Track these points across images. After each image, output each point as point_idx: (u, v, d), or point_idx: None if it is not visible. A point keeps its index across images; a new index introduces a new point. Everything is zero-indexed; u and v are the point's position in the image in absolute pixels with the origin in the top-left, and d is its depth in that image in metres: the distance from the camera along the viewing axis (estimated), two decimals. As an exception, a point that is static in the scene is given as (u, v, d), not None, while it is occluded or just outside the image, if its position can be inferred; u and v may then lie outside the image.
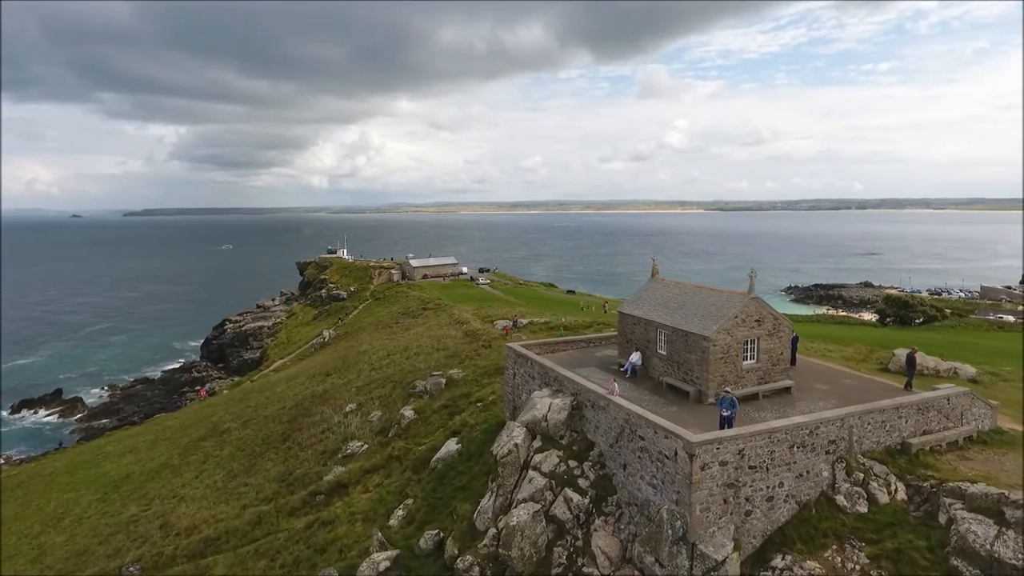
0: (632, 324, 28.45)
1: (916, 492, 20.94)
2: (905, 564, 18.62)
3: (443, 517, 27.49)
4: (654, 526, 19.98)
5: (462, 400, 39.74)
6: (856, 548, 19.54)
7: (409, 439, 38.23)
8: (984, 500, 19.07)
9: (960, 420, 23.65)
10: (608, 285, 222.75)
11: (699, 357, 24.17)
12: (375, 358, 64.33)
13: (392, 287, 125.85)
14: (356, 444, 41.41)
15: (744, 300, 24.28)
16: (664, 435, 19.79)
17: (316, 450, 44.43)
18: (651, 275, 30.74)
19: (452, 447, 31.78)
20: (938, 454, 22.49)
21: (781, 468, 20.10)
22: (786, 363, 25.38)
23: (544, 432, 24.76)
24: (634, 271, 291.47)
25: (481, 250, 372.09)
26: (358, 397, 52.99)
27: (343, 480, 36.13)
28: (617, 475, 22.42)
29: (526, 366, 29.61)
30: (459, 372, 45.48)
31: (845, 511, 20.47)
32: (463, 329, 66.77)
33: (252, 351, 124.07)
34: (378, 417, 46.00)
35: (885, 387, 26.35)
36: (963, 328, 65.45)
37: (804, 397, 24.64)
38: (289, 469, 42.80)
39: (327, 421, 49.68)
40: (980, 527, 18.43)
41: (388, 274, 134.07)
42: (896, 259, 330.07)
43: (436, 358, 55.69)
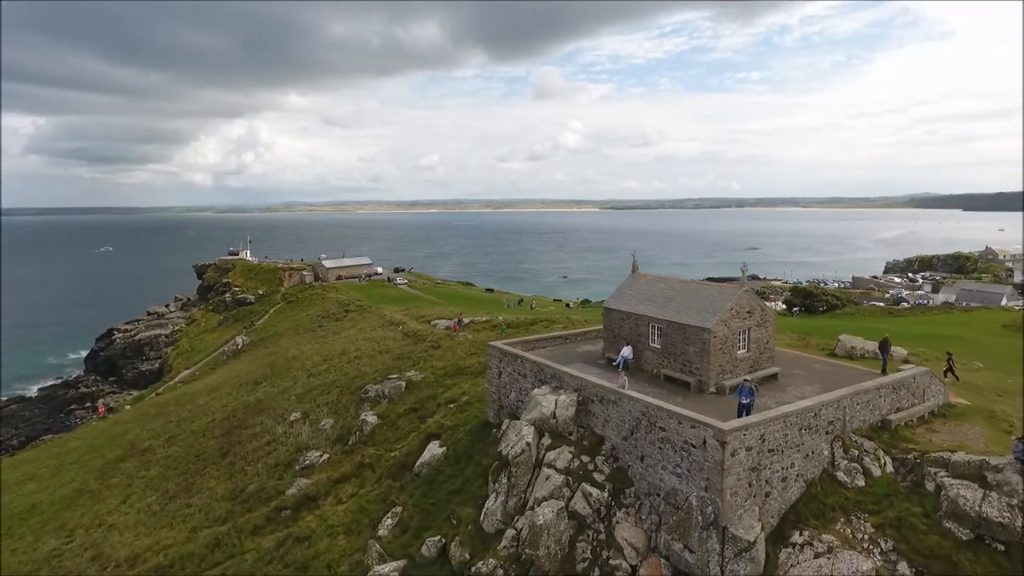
0: (620, 319, 29.10)
1: (902, 464, 22.97)
2: (906, 530, 20.39)
3: (441, 523, 26.81)
4: (682, 513, 20.61)
5: (429, 402, 38.88)
6: (861, 519, 21.17)
7: (377, 445, 36.89)
8: (967, 467, 21.26)
9: (923, 397, 26.20)
10: (517, 282, 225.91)
11: (699, 348, 25.17)
12: (310, 364, 61.45)
13: (305, 289, 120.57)
14: (315, 454, 39.42)
15: (739, 293, 25.56)
16: (691, 425, 20.46)
17: (266, 463, 41.83)
18: (632, 271, 31.55)
19: (436, 451, 31.04)
20: (911, 428, 24.82)
21: (793, 450, 21.38)
22: (772, 351, 27.00)
23: (553, 429, 24.80)
24: (540, 268, 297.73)
25: (384, 249, 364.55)
26: (301, 405, 50.44)
27: (310, 493, 34.27)
28: (634, 467, 22.89)
29: (515, 364, 29.48)
30: (417, 374, 44.45)
31: (846, 486, 22.11)
32: (401, 330, 65.25)
33: (150, 362, 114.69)
34: (331, 425, 44.04)
35: (852, 370, 28.69)
36: (862, 315, 72.32)
37: (790, 382, 26.32)
38: (238, 485, 40.02)
39: (270, 432, 46.95)
40: (967, 491, 20.51)
41: (300, 276, 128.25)
42: (774, 253, 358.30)
43: (382, 361, 54.06)
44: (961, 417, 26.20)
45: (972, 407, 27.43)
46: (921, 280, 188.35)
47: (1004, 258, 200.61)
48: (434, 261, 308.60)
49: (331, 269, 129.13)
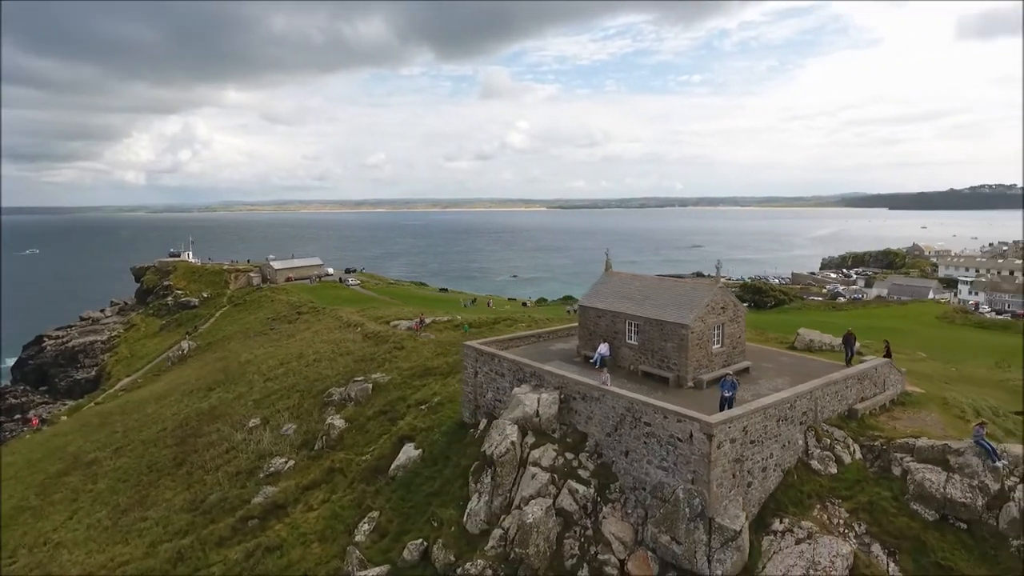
0: (596, 316, 29.39)
1: (869, 451, 24.05)
2: (878, 513, 21.39)
3: (422, 525, 26.49)
4: (669, 506, 20.99)
5: (399, 404, 38.31)
6: (836, 505, 22.06)
7: (346, 450, 36.12)
8: (930, 451, 22.44)
9: (884, 386, 27.51)
10: (469, 281, 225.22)
11: (676, 344, 25.68)
12: (265, 368, 59.64)
13: (253, 291, 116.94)
14: (279, 461, 38.29)
15: (713, 289, 26.22)
16: (677, 419, 20.86)
17: (227, 472, 40.36)
18: (605, 269, 31.91)
19: (412, 453, 30.63)
20: (875, 416, 26.02)
21: (771, 440, 22.09)
22: (743, 346, 27.81)
23: (536, 428, 24.83)
24: (490, 267, 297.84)
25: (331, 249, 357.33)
26: (259, 411, 48.89)
27: (278, 500, 33.26)
28: (618, 463, 23.17)
29: (492, 364, 29.37)
30: (384, 376, 43.72)
31: (820, 473, 23.00)
32: (360, 332, 64.09)
33: (85, 370, 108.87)
34: (294, 430, 42.86)
35: (816, 362, 29.86)
36: (808, 309, 75.40)
37: (762, 375, 27.17)
38: (198, 496, 38.46)
39: (228, 440, 45.35)
40: (932, 475, 21.66)
41: (247, 277, 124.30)
42: (716, 251, 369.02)
43: (343, 363, 52.97)
44: (918, 405, 27.63)
45: (926, 395, 28.97)
46: (855, 275, 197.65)
47: (929, 254, 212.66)
48: (383, 261, 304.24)
49: (280, 270, 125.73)
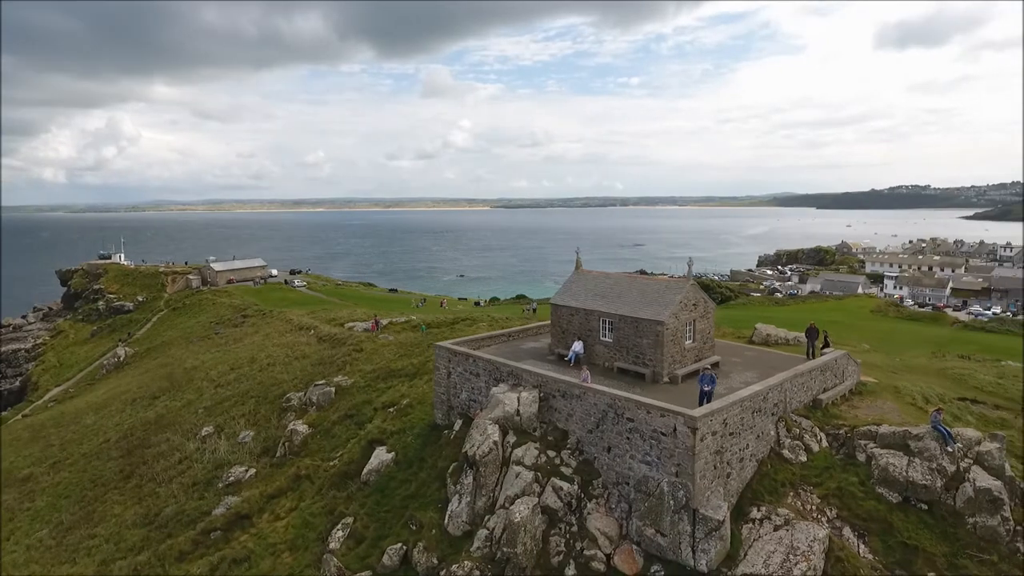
0: (569, 315, 29.63)
1: (835, 439, 25.21)
2: (847, 498, 22.47)
3: (399, 530, 26.07)
4: (654, 499, 21.41)
5: (365, 407, 37.57)
6: (808, 491, 23.03)
7: (312, 456, 35.16)
8: (892, 437, 23.71)
9: (843, 377, 28.87)
10: (416, 281, 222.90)
11: (652, 341, 26.19)
12: (215, 374, 57.40)
13: (192, 294, 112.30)
14: (239, 469, 36.92)
15: (686, 286, 26.86)
16: (660, 414, 21.29)
17: (181, 483, 38.64)
18: (575, 267, 32.21)
19: (384, 456, 30.10)
20: (837, 406, 27.29)
21: (747, 432, 22.85)
22: (713, 341, 28.62)
23: (517, 427, 24.84)
24: (437, 267, 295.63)
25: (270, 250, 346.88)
26: (212, 419, 47.02)
27: (242, 511, 32.07)
28: (600, 458, 23.45)
29: (466, 364, 29.20)
30: (346, 379, 42.76)
31: (791, 462, 23.94)
32: (313, 335, 62.52)
33: (8, 380, 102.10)
34: (252, 437, 41.43)
35: (778, 355, 31.04)
36: (752, 305, 78.24)
37: (732, 369, 28.03)
38: (151, 509, 36.67)
39: (180, 449, 43.47)
40: (895, 459, 22.89)
41: (185, 280, 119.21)
42: (657, 249, 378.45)
43: (300, 367, 51.54)
44: (874, 394, 29.13)
45: (879, 384, 30.57)
46: (789, 272, 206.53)
47: (857, 251, 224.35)
48: (326, 262, 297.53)
49: (221, 272, 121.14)
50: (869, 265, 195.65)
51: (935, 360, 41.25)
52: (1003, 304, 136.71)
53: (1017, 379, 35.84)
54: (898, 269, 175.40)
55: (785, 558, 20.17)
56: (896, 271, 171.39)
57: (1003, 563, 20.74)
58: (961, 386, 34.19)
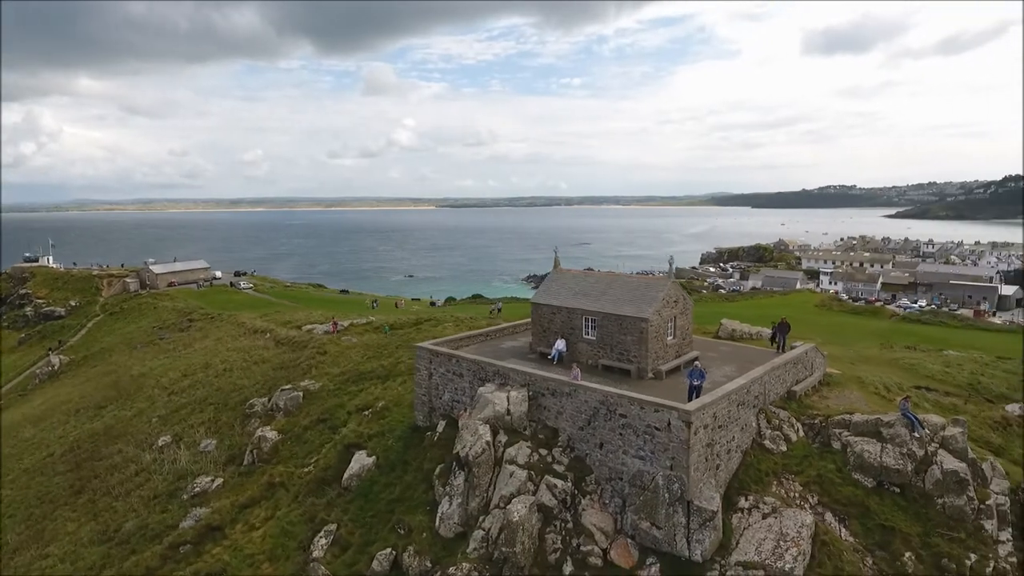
0: (551, 313, 29.82)
1: (810, 428, 26.28)
2: (827, 484, 23.49)
3: (387, 534, 25.63)
4: (648, 493, 21.82)
5: (337, 411, 36.71)
6: (790, 480, 23.94)
7: (285, 462, 34.10)
8: (865, 425, 24.92)
9: (812, 369, 30.13)
10: (363, 281, 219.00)
11: (636, 337, 26.66)
12: (167, 381, 54.93)
13: (131, 298, 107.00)
14: (204, 480, 35.49)
15: (668, 284, 27.46)
16: (654, 409, 21.72)
17: (140, 496, 36.83)
18: (554, 266, 32.43)
19: (365, 461, 29.52)
20: (809, 397, 28.46)
21: (733, 424, 23.57)
22: (691, 337, 29.37)
23: (508, 426, 24.83)
24: (384, 267, 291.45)
25: (207, 251, 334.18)
26: (168, 428, 45.02)
27: (213, 522, 30.82)
28: (592, 455, 23.72)
29: (448, 364, 28.97)
30: (314, 383, 41.68)
31: (773, 452, 24.84)
32: (271, 338, 60.67)
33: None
34: (215, 446, 39.91)
35: (750, 349, 32.11)
36: (705, 301, 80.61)
37: (711, 364, 28.72)
38: (109, 525, 34.81)
39: (135, 461, 41.48)
40: (870, 446, 24.08)
41: (122, 283, 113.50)
42: (603, 247, 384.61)
43: (261, 372, 49.93)
44: (840, 385, 30.53)
45: (843, 375, 32.06)
46: (731, 269, 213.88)
47: (793, 248, 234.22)
48: (269, 263, 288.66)
49: (161, 275, 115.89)
50: (805, 262, 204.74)
51: (885, 351, 43.60)
52: (928, 297, 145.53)
53: (961, 367, 38.29)
54: (832, 265, 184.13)
55: (776, 544, 20.91)
56: (831, 267, 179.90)
57: (970, 539, 22.15)
58: (913, 375, 36.28)
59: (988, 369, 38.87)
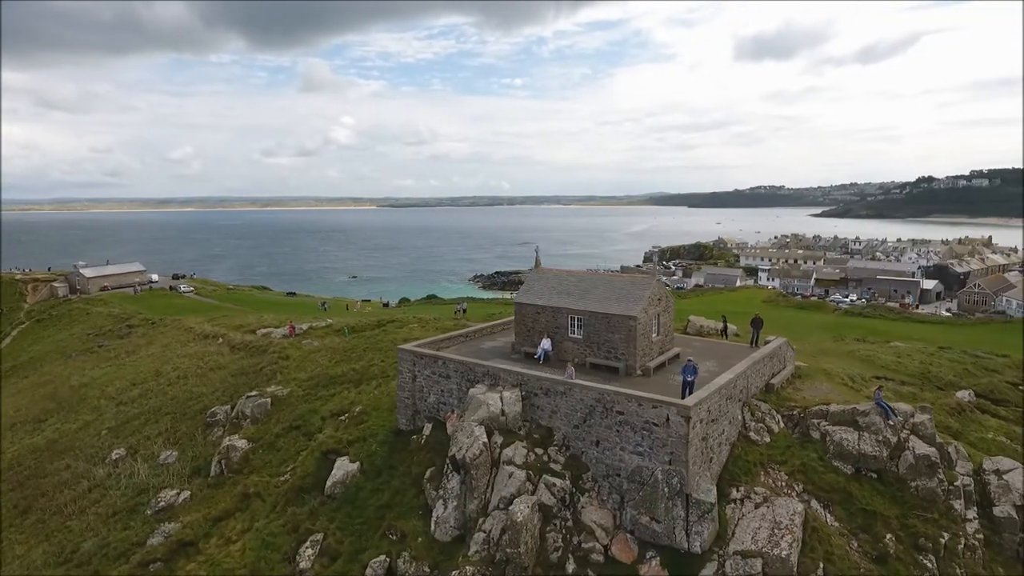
0: (535, 313, 29.88)
1: (789, 419, 27.34)
2: (810, 473, 24.52)
3: (378, 541, 25.12)
4: (648, 488, 22.20)
5: (311, 417, 35.62)
6: (776, 469, 24.84)
7: (258, 472, 32.84)
8: (842, 415, 26.12)
9: (784, 362, 31.35)
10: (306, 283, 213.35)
11: (624, 336, 27.05)
12: (113, 391, 51.99)
13: (60, 304, 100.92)
14: (170, 493, 33.75)
15: (652, 282, 27.98)
16: (652, 405, 22.11)
17: (97, 514, 34.69)
18: (535, 265, 32.51)
19: (348, 467, 28.79)
20: (784, 389, 29.59)
21: (723, 418, 24.26)
22: (673, 334, 30.02)
23: (503, 427, 24.73)
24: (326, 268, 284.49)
25: (137, 253, 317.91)
26: (120, 440, 42.64)
27: (184, 537, 29.39)
28: (588, 453, 23.93)
29: (434, 366, 28.61)
30: (281, 389, 40.28)
31: (758, 444, 25.70)
32: (224, 343, 58.31)
33: None
34: (176, 457, 38.04)
35: (724, 344, 33.12)
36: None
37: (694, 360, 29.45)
38: (65, 547, 32.59)
39: (87, 477, 39.10)
40: (847, 434, 25.27)
41: (50, 288, 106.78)
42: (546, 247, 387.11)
43: (219, 379, 47.88)
44: (810, 377, 31.90)
45: (810, 368, 33.51)
46: (673, 267, 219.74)
47: (731, 246, 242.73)
48: (205, 265, 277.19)
49: (93, 279, 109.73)
50: (743, 259, 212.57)
51: (839, 344, 45.82)
52: (858, 292, 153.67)
53: (911, 357, 40.66)
54: (769, 263, 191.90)
55: (771, 532, 21.66)
56: (768, 264, 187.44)
57: (942, 519, 23.58)
58: (871, 366, 38.28)
59: (934, 359, 41.47)
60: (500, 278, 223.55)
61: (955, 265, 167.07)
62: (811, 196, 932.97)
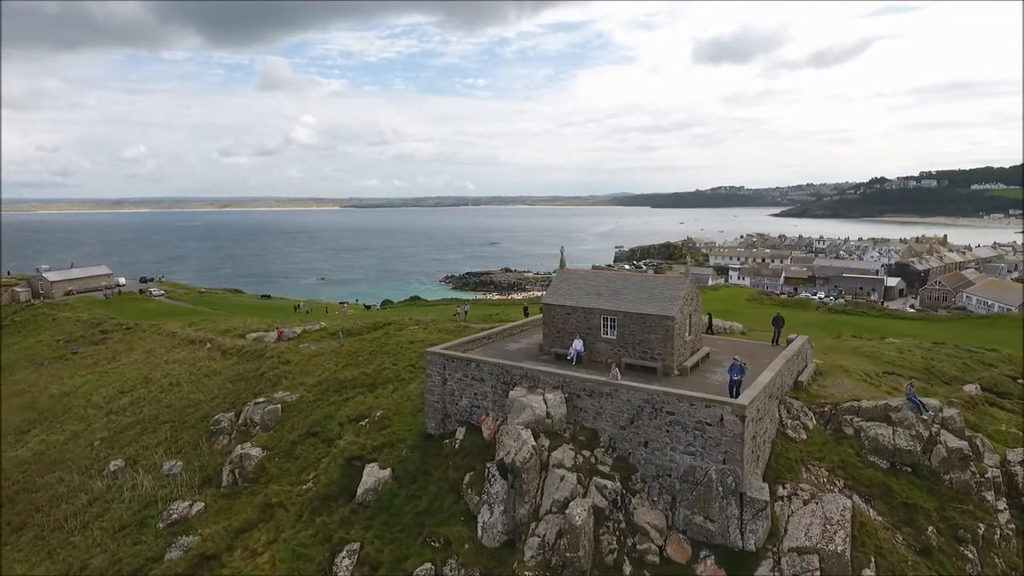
0: (565, 314, 29.69)
1: (820, 416, 27.80)
2: (850, 468, 24.96)
3: (421, 549, 24.57)
4: (702, 488, 22.26)
5: (327, 422, 34.71)
6: (816, 466, 25.21)
7: (277, 481, 31.83)
8: (875, 411, 26.68)
9: (806, 360, 31.88)
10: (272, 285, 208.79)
11: (661, 336, 27.09)
12: (100, 399, 49.94)
13: (23, 309, 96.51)
14: (182, 505, 32.47)
15: (686, 282, 28.09)
16: (705, 405, 22.17)
17: (102, 529, 33.17)
18: (560, 266, 32.32)
19: (380, 474, 28.11)
20: (810, 386, 30.06)
21: (767, 416, 24.50)
22: (702, 333, 30.19)
23: (548, 429, 24.47)
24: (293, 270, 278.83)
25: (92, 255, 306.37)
26: (116, 451, 40.98)
27: (206, 550, 28.31)
28: (636, 454, 23.87)
29: (466, 369, 28.17)
30: (290, 395, 39.17)
31: (796, 441, 26.04)
32: (214, 348, 56.53)
33: None
34: (181, 467, 36.68)
35: (747, 343, 33.49)
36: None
37: (723, 358, 29.71)
38: (70, 565, 31.08)
39: (85, 490, 37.46)
40: (882, 430, 25.81)
41: (11, 293, 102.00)
42: (513, 247, 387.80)
43: (215, 385, 46.35)
44: (830, 374, 32.49)
45: (827, 365, 34.15)
46: (644, 266, 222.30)
47: (700, 246, 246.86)
48: (165, 267, 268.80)
49: (57, 283, 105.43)
50: (712, 258, 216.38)
51: (841, 341, 46.87)
52: (825, 290, 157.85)
53: (912, 352, 41.84)
54: (739, 261, 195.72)
55: (824, 528, 21.93)
56: (737, 263, 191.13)
57: (977, 510, 24.30)
58: (877, 362, 39.24)
59: (933, 354, 42.81)
60: (472, 279, 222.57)
61: (916, 263, 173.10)
62: (770, 196, 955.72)
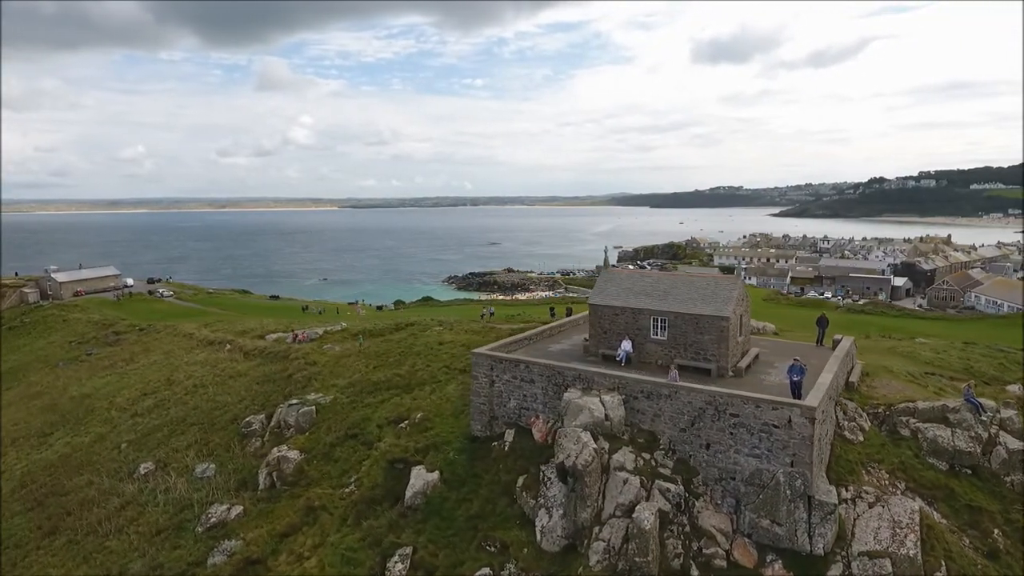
0: (613, 314, 29.33)
1: (874, 417, 27.47)
2: (910, 470, 24.62)
3: (476, 553, 24.23)
4: (769, 491, 21.92)
5: (366, 424, 34.29)
6: (875, 468, 24.86)
7: (319, 484, 31.42)
8: (932, 412, 26.36)
9: (853, 361, 31.57)
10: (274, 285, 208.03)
11: (715, 336, 26.76)
12: (123, 401, 49.48)
13: (33, 310, 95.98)
14: (220, 508, 32.06)
15: (739, 283, 27.78)
16: (772, 407, 21.85)
17: (139, 533, 32.71)
18: (604, 266, 31.99)
19: (428, 477, 27.74)
20: (861, 387, 29.74)
21: (827, 418, 24.17)
22: (750, 334, 29.87)
23: (607, 432, 24.12)
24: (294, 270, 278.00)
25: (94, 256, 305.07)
26: (145, 454, 40.53)
27: (251, 555, 27.93)
28: (697, 456, 23.53)
29: (515, 370, 27.80)
30: (323, 397, 38.75)
31: (853, 442, 25.70)
32: (235, 349, 56.06)
33: None
34: (214, 470, 36.25)
35: (789, 343, 33.17)
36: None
37: (773, 359, 29.39)
38: (109, 569, 30.65)
39: (116, 493, 36.99)
40: (941, 431, 25.50)
41: (19, 294, 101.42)
42: (513, 247, 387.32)
43: (242, 386, 45.91)
44: (876, 374, 32.13)
45: (870, 365, 33.79)
46: (649, 267, 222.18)
47: (703, 246, 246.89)
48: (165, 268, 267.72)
49: (66, 284, 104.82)
50: (716, 258, 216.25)
51: (874, 342, 46.56)
52: (832, 289, 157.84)
53: (948, 352, 41.57)
54: (744, 261, 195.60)
55: (893, 532, 21.61)
56: (744, 263, 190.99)
57: (1040, 513, 23.97)
58: (915, 362, 38.94)
59: (968, 354, 42.56)
60: (475, 279, 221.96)
61: (921, 263, 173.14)
62: (768, 196, 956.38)
